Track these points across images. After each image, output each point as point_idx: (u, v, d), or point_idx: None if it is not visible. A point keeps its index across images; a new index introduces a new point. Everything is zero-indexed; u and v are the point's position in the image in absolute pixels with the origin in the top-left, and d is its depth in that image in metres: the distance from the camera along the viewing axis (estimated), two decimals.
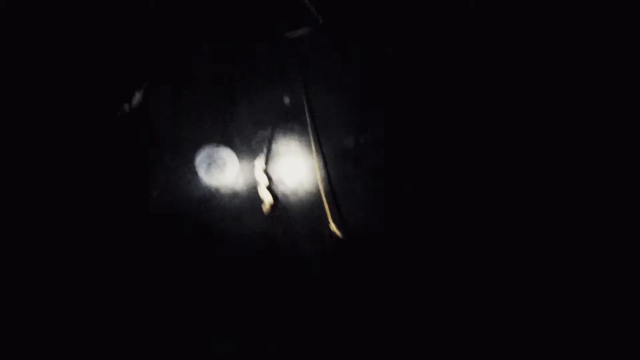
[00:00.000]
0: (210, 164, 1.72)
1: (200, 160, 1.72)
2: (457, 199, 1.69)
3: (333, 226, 1.63)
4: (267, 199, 1.66)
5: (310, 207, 1.70)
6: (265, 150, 1.71)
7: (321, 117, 1.72)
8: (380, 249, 1.68)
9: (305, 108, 1.70)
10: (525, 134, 1.69)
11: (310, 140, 1.69)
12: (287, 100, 1.71)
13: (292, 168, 1.72)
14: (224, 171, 1.72)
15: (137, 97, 1.66)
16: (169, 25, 1.73)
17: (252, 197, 1.70)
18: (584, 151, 1.67)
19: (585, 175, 1.67)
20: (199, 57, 1.76)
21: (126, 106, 1.64)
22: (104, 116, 1.72)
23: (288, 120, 1.73)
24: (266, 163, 1.70)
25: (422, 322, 1.66)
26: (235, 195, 1.72)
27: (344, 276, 1.67)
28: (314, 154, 1.67)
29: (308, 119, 1.68)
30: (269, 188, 1.68)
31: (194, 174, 1.73)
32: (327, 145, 1.71)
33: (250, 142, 1.74)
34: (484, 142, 1.70)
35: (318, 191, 1.67)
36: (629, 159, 1.67)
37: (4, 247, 1.67)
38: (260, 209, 1.68)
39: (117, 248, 1.70)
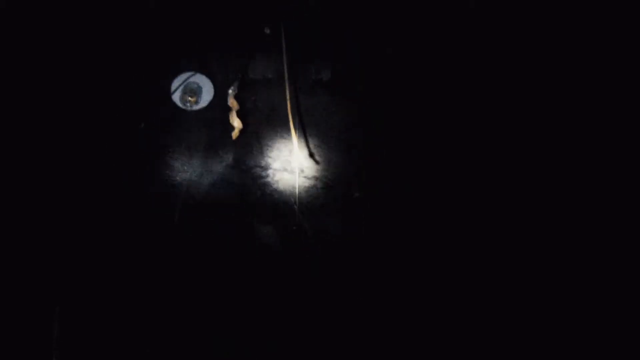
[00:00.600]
0: (185, 90, 1.73)
1: (175, 85, 1.73)
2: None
3: (301, 157, 1.68)
4: (236, 125, 1.69)
5: (282, 137, 1.74)
6: (239, 77, 1.72)
7: (301, 48, 1.73)
8: (346, 187, 1.73)
9: (282, 37, 1.69)
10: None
11: (284, 70, 1.70)
12: (267, 30, 1.72)
13: (266, 97, 1.74)
14: (197, 97, 1.73)
15: None
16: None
17: (224, 123, 1.72)
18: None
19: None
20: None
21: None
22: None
23: (266, 50, 1.73)
24: (239, 90, 1.71)
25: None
26: (206, 120, 1.75)
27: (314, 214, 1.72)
28: (286, 84, 1.69)
29: (284, 47, 1.68)
30: (240, 115, 1.70)
31: (168, 99, 1.74)
32: (303, 76, 1.74)
33: (227, 69, 1.75)
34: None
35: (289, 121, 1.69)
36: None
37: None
38: (229, 134, 1.71)
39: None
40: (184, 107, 1.74)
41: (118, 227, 1.72)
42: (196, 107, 1.74)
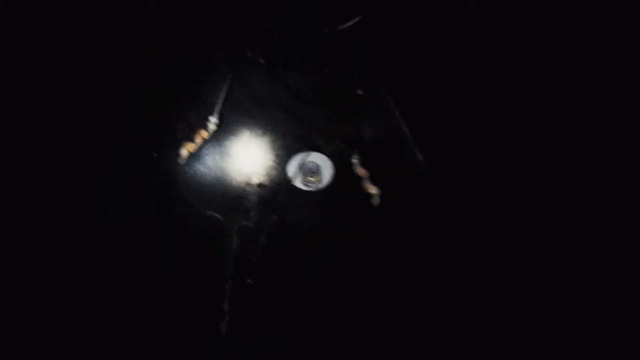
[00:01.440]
0: (304, 173, 1.66)
1: (293, 171, 1.66)
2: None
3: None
4: (373, 191, 1.63)
5: (417, 195, 1.67)
6: (355, 144, 1.64)
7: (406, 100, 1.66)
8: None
9: (390, 98, 1.63)
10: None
11: (400, 125, 1.63)
12: (360, 92, 1.65)
13: (389, 158, 1.67)
14: (319, 175, 1.66)
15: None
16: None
17: (358, 193, 1.65)
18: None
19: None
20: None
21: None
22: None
23: (368, 111, 1.66)
24: (362, 157, 1.64)
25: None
26: (340, 195, 1.67)
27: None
28: (411, 142, 1.62)
29: (392, 106, 1.62)
30: (373, 180, 1.64)
31: (292, 186, 1.67)
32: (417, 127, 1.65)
33: (335, 140, 1.67)
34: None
35: (421, 176, 1.62)
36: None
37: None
38: (369, 203, 1.64)
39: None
40: (309, 189, 1.68)
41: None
42: (322, 186, 1.68)
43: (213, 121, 1.62)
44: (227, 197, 1.68)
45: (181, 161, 1.64)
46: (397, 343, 1.68)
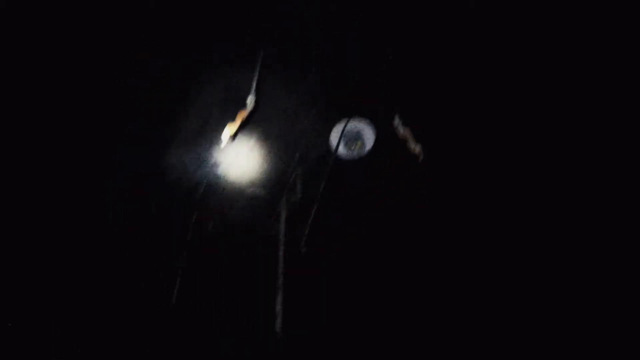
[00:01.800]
0: (346, 140, 1.69)
1: (335, 140, 1.69)
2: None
3: None
4: (418, 149, 1.63)
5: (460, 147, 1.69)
6: (395, 105, 1.65)
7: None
8: None
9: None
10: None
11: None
12: (390, 55, 1.68)
13: (427, 117, 1.69)
14: (362, 140, 1.70)
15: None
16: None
17: (403, 154, 1.67)
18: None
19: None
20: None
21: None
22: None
23: (404, 81, 1.70)
24: (403, 119, 1.64)
25: None
26: (385, 158, 1.72)
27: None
28: None
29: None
30: (416, 138, 1.64)
31: (336, 150, 1.70)
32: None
33: (377, 109, 1.71)
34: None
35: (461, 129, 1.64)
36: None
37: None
38: (416, 162, 1.65)
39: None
40: (353, 156, 1.69)
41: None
42: (365, 151, 1.69)
43: (250, 101, 1.62)
44: (272, 173, 1.72)
45: (223, 143, 1.65)
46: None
